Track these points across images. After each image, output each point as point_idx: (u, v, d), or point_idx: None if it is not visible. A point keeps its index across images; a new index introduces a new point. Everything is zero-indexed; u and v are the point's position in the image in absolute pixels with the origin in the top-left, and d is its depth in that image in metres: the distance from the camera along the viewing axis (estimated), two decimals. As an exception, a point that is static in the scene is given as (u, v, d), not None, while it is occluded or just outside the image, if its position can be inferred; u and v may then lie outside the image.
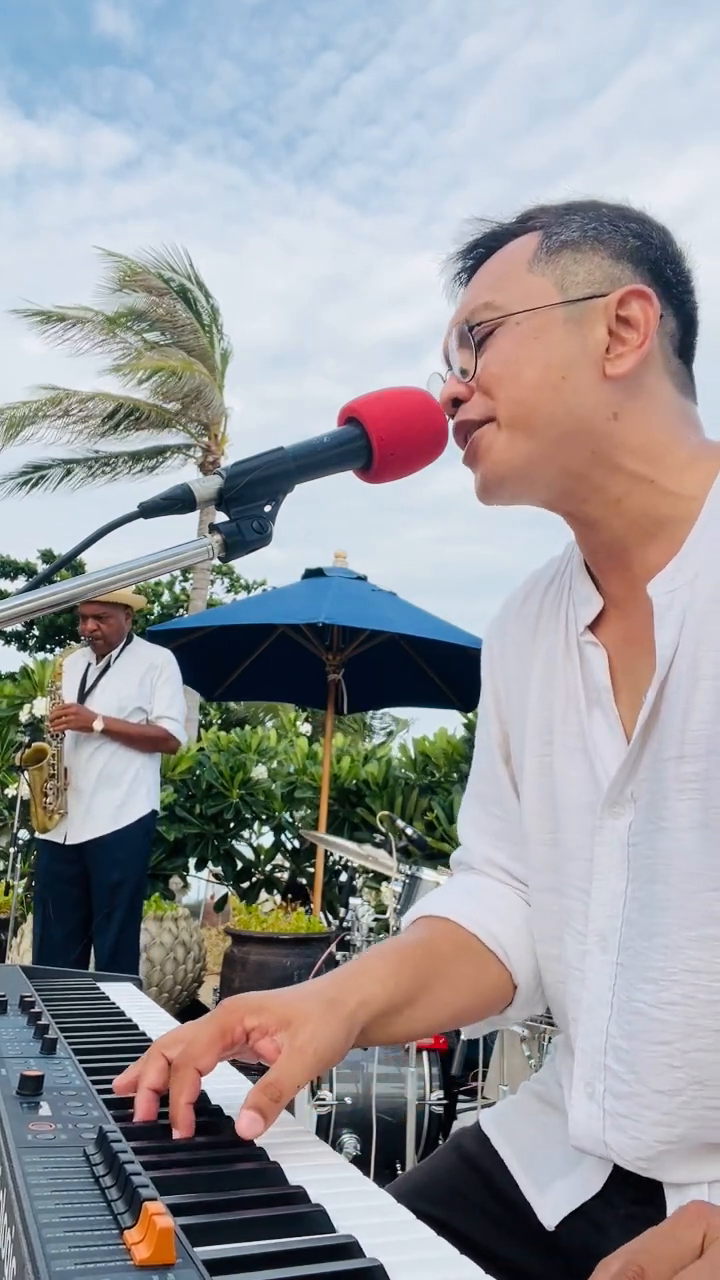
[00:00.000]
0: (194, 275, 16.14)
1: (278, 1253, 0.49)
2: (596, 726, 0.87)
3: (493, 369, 0.85)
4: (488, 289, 0.88)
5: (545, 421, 0.83)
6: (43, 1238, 0.48)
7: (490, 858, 1.02)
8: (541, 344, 0.83)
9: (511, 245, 0.89)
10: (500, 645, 1.03)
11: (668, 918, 0.78)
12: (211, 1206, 0.55)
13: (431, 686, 6.11)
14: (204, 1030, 0.74)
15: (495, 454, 0.85)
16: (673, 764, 0.78)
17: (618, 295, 0.82)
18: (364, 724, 21.47)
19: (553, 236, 0.86)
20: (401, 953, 0.90)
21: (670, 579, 0.80)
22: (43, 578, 0.78)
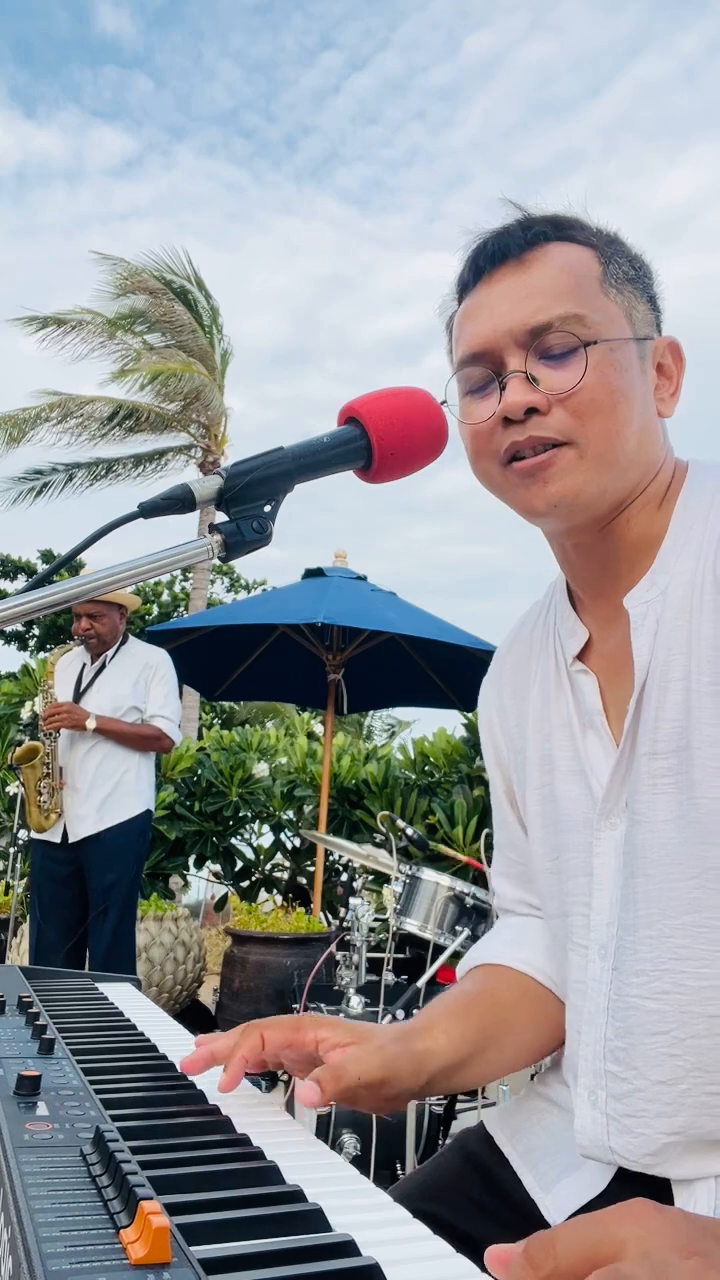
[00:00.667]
0: (194, 276, 16.14)
1: (274, 1252, 0.49)
2: (591, 747, 0.90)
3: (594, 393, 0.81)
4: (569, 297, 0.82)
5: (629, 458, 0.84)
6: (39, 1237, 0.48)
7: (522, 899, 1.07)
8: (630, 377, 0.83)
9: (574, 253, 0.84)
10: (496, 695, 1.07)
11: (652, 909, 0.80)
12: (208, 1206, 0.55)
13: (431, 686, 6.11)
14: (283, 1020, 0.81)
15: (572, 483, 0.82)
16: (646, 760, 0.82)
17: (664, 342, 0.87)
18: (361, 725, 21.47)
19: (612, 264, 0.85)
20: (466, 1006, 0.94)
21: (645, 592, 0.84)
22: (43, 578, 0.78)
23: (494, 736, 1.07)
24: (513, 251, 0.85)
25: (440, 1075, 0.87)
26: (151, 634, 5.50)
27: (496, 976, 1.00)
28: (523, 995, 0.98)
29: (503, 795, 1.06)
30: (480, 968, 1.02)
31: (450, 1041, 0.88)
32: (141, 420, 15.84)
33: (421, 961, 2.97)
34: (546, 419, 0.82)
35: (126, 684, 3.81)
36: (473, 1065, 0.91)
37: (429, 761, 6.77)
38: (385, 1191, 0.66)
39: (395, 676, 6.16)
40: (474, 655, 5.30)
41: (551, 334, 0.81)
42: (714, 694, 0.77)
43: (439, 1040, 0.88)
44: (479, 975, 1.01)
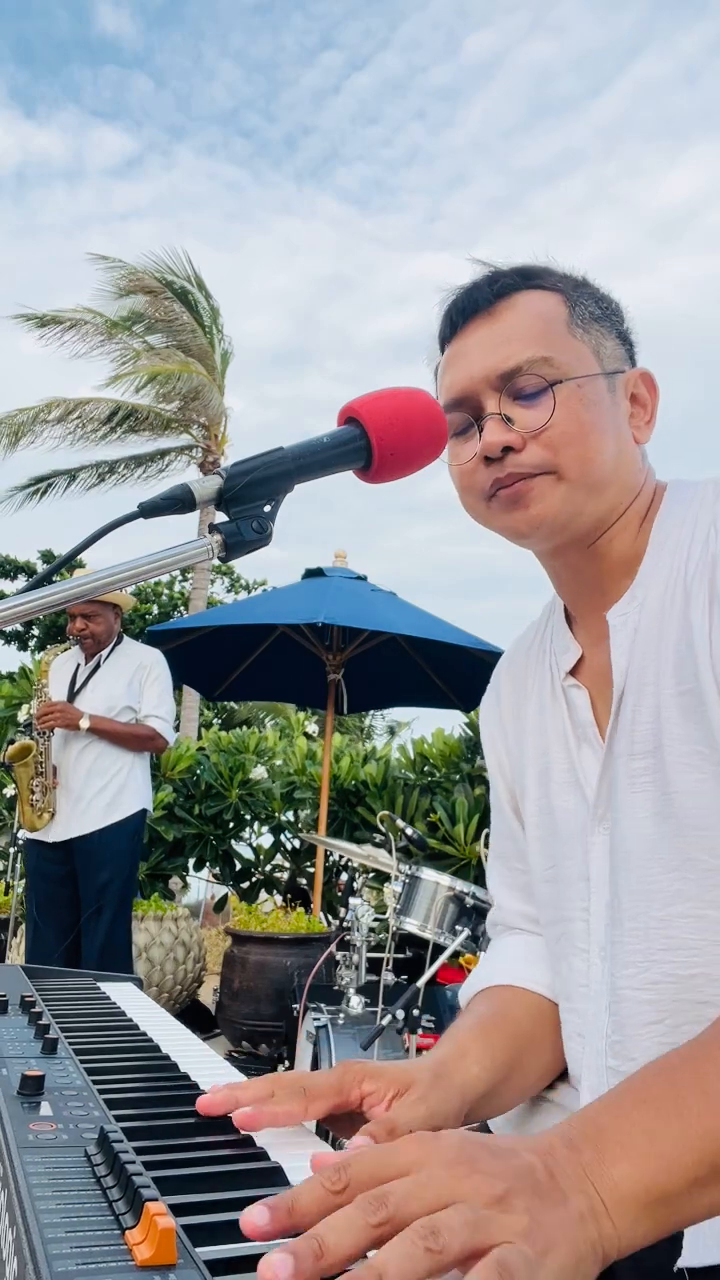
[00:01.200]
0: (194, 276, 16.13)
1: (279, 1253, 0.49)
2: (585, 758, 0.93)
3: (564, 427, 0.87)
4: (536, 341, 0.88)
5: (605, 481, 0.89)
6: (44, 1238, 0.48)
7: (523, 912, 1.08)
8: (600, 409, 0.88)
9: (540, 299, 0.91)
10: (495, 709, 1.10)
11: (637, 903, 0.83)
12: (213, 1207, 0.55)
13: (431, 686, 6.12)
14: (325, 1080, 0.76)
15: (552, 503, 0.88)
16: (625, 760, 0.86)
17: (635, 374, 0.93)
18: (363, 728, 21.46)
19: (578, 306, 0.91)
20: (488, 1032, 0.93)
21: (624, 605, 0.89)
22: (43, 578, 0.78)
23: (496, 750, 1.09)
24: (481, 305, 0.91)
25: (477, 1105, 0.87)
26: (152, 634, 5.50)
27: (510, 999, 0.99)
28: (539, 1015, 0.98)
29: (506, 805, 1.08)
30: (491, 990, 1.02)
31: (483, 1070, 0.88)
32: (141, 421, 15.84)
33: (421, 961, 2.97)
34: (522, 455, 0.88)
35: (121, 684, 3.81)
36: (502, 1092, 0.90)
37: (428, 761, 6.77)
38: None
39: (395, 676, 6.16)
40: (474, 655, 5.30)
41: (521, 377, 0.88)
42: (678, 694, 0.82)
43: (472, 1070, 0.87)
44: (492, 998, 1.00)
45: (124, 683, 3.81)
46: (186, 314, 15.80)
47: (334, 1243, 0.47)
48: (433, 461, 0.88)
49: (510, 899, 1.09)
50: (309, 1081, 0.76)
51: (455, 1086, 0.84)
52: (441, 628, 5.20)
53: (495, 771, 1.10)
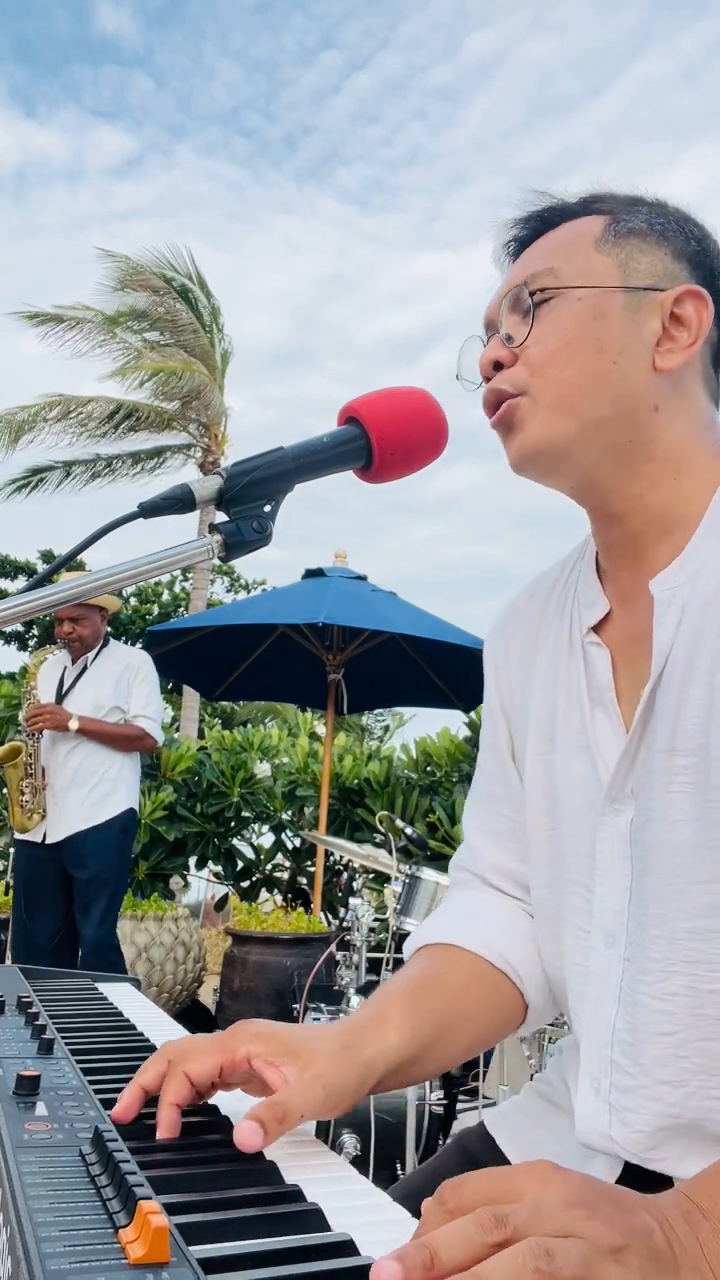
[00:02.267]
0: (196, 275, 16.14)
1: (272, 1251, 0.49)
2: (599, 725, 0.87)
3: (548, 344, 0.83)
4: (551, 255, 0.86)
5: (590, 404, 0.83)
6: (38, 1236, 0.48)
7: (496, 862, 1.02)
8: (600, 325, 0.83)
9: (577, 221, 0.88)
10: (504, 647, 1.03)
11: (663, 909, 0.78)
12: (206, 1205, 0.55)
13: (431, 686, 6.11)
14: (206, 1041, 0.74)
15: (532, 429, 0.84)
16: (663, 756, 0.79)
17: (676, 292, 0.83)
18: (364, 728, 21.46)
19: (620, 222, 0.86)
20: (416, 995, 0.88)
21: (673, 576, 0.81)
22: (43, 578, 0.78)
23: (499, 686, 1.03)
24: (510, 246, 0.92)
25: (389, 1075, 0.82)
26: (152, 634, 5.51)
27: (448, 959, 0.93)
28: (475, 980, 0.93)
29: (503, 747, 1.02)
30: (430, 948, 0.96)
31: (401, 1039, 0.83)
32: (141, 419, 15.84)
33: (421, 961, 2.96)
34: (507, 372, 0.85)
35: (108, 685, 3.81)
36: (423, 1061, 0.86)
37: (431, 761, 6.77)
38: (384, 1192, 0.66)
39: (395, 676, 6.16)
40: (474, 655, 5.30)
41: (522, 291, 0.86)
42: None
43: (389, 1039, 0.82)
44: (428, 958, 0.95)
45: (111, 683, 3.82)
46: (187, 312, 15.80)
47: (446, 1256, 0.47)
48: (433, 461, 0.88)
49: (487, 846, 1.03)
50: (192, 1045, 0.73)
51: (361, 1060, 0.78)
52: (441, 628, 5.20)
53: (495, 711, 1.03)
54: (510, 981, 0.95)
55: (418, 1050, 0.84)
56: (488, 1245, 0.47)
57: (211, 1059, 0.72)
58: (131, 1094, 0.70)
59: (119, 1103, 0.70)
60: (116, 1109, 0.69)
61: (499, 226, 0.94)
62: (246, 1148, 0.65)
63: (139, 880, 6.28)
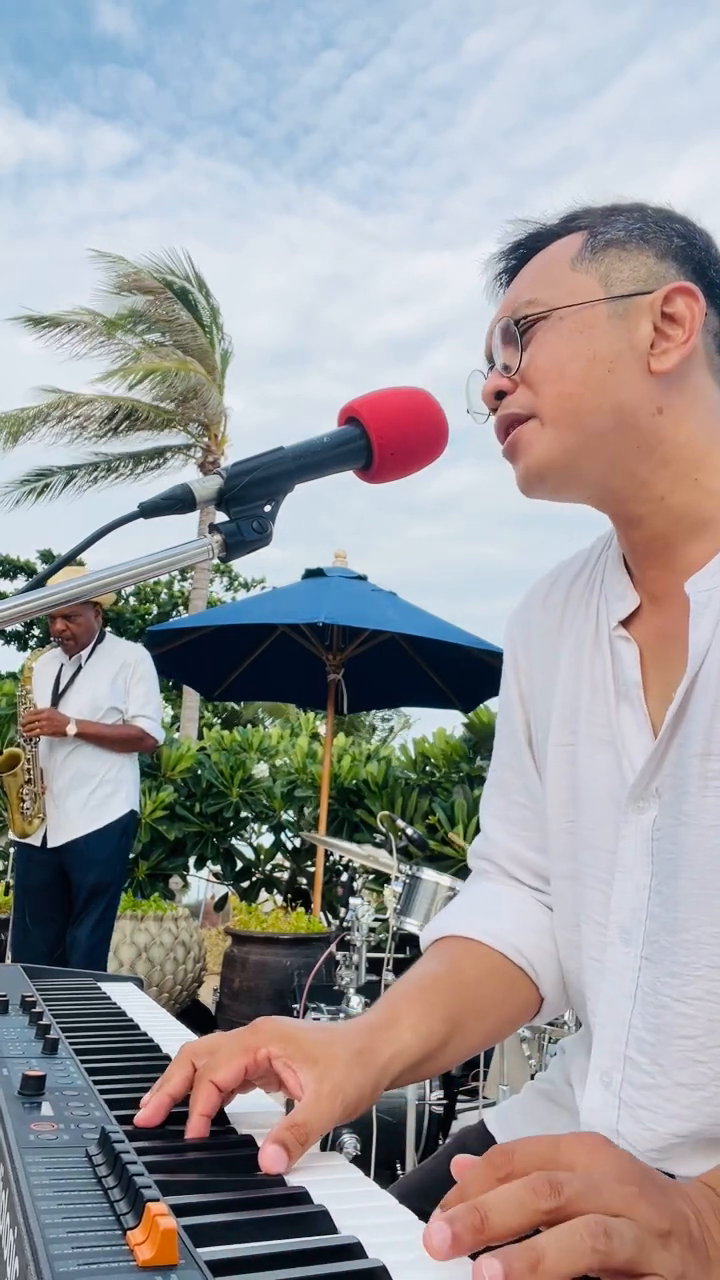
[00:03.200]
0: (194, 276, 16.14)
1: (280, 1254, 0.49)
2: (624, 720, 0.87)
3: (539, 363, 0.85)
4: (530, 286, 0.89)
5: (591, 415, 0.83)
6: (45, 1238, 0.47)
7: (511, 850, 1.02)
8: (586, 338, 0.84)
9: (555, 245, 0.90)
10: (524, 635, 1.03)
11: (690, 913, 0.78)
12: (214, 1207, 0.54)
13: (431, 686, 6.12)
14: (229, 1043, 0.73)
15: (537, 449, 0.86)
16: (698, 760, 0.79)
17: (663, 291, 0.83)
18: (364, 726, 21.46)
19: (598, 236, 0.87)
20: (431, 991, 0.88)
21: (710, 577, 0.81)
22: (43, 578, 0.78)
23: (519, 676, 1.03)
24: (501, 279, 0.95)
25: (404, 1073, 0.82)
26: (152, 634, 5.51)
27: (462, 952, 0.93)
28: (489, 974, 0.93)
29: (521, 735, 1.01)
30: (445, 941, 0.96)
31: (417, 1037, 0.83)
32: (141, 420, 15.84)
33: (422, 961, 2.97)
34: (511, 399, 0.88)
35: (105, 684, 3.75)
36: (437, 1057, 0.86)
37: (429, 761, 6.78)
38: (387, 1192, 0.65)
39: (395, 676, 6.16)
40: (474, 655, 5.31)
41: (517, 323, 0.88)
42: None
43: (404, 1038, 0.82)
44: (443, 951, 0.95)
45: (108, 682, 3.75)
46: (186, 313, 15.80)
47: (498, 1220, 0.47)
48: (433, 461, 0.88)
49: (502, 834, 1.03)
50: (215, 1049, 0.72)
51: (377, 1065, 0.78)
52: (441, 628, 5.20)
53: (514, 699, 1.03)
54: (525, 974, 0.95)
55: (433, 1048, 0.84)
56: (540, 1211, 0.47)
57: (238, 1063, 0.72)
58: (159, 1103, 0.69)
59: (148, 1110, 0.69)
60: (144, 1115, 0.69)
61: (486, 262, 0.97)
62: (273, 1172, 0.64)
63: (139, 880, 6.28)
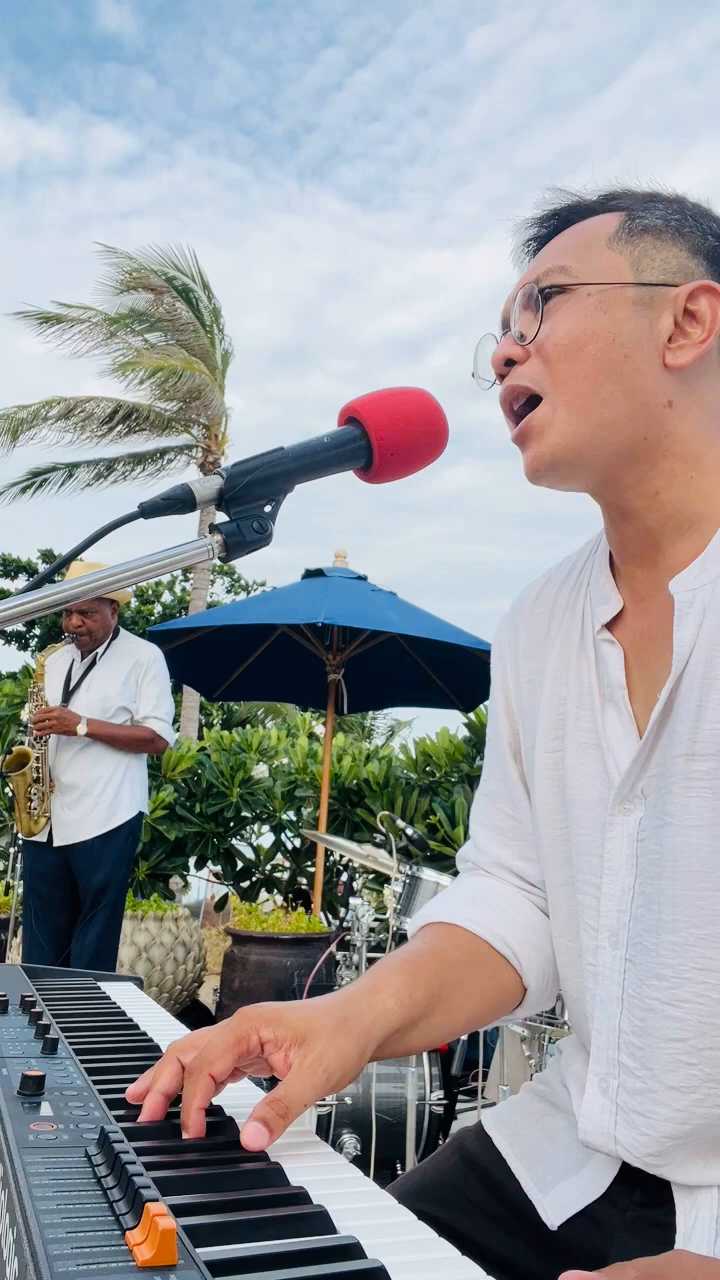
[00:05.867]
0: (197, 274, 16.15)
1: (280, 1254, 0.49)
2: (610, 723, 0.87)
3: (558, 337, 0.84)
4: (562, 254, 0.87)
5: (603, 401, 0.83)
6: (45, 1238, 0.47)
7: (498, 858, 1.03)
8: (610, 319, 0.83)
9: (592, 220, 0.89)
10: (512, 643, 1.03)
11: (676, 915, 0.78)
12: (213, 1207, 0.55)
13: (431, 686, 6.11)
14: (220, 1036, 0.74)
15: (550, 437, 0.84)
16: (682, 761, 0.78)
17: (690, 288, 0.83)
18: (364, 726, 21.47)
19: (636, 219, 0.86)
20: (414, 965, 0.89)
21: (694, 577, 0.81)
22: (43, 578, 0.78)
23: (505, 685, 1.03)
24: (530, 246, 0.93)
25: (388, 1041, 0.83)
26: (152, 634, 5.50)
27: (448, 936, 0.94)
28: (473, 958, 0.93)
29: (506, 746, 1.02)
30: (431, 926, 0.97)
31: (399, 1003, 0.84)
32: (142, 420, 15.85)
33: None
34: (522, 368, 0.86)
35: (116, 683, 3.73)
36: (419, 1029, 0.86)
37: (430, 761, 6.77)
38: (387, 1192, 0.66)
39: (395, 676, 6.16)
40: (474, 655, 5.30)
41: (534, 288, 0.86)
42: None
43: (387, 1004, 0.83)
44: (429, 934, 0.96)
45: (119, 681, 3.73)
46: (188, 312, 15.80)
47: None
48: (433, 461, 0.88)
49: (489, 841, 1.04)
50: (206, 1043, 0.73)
51: (360, 1030, 0.79)
52: (441, 628, 5.20)
53: (500, 709, 1.03)
54: (508, 964, 0.95)
55: (414, 1017, 0.85)
56: None
57: (230, 1055, 0.73)
58: (155, 1102, 0.70)
59: (146, 1110, 0.70)
60: (145, 1115, 0.70)
61: (518, 225, 0.95)
62: (255, 1148, 0.66)
63: (139, 880, 6.28)
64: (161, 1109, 0.71)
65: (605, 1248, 0.83)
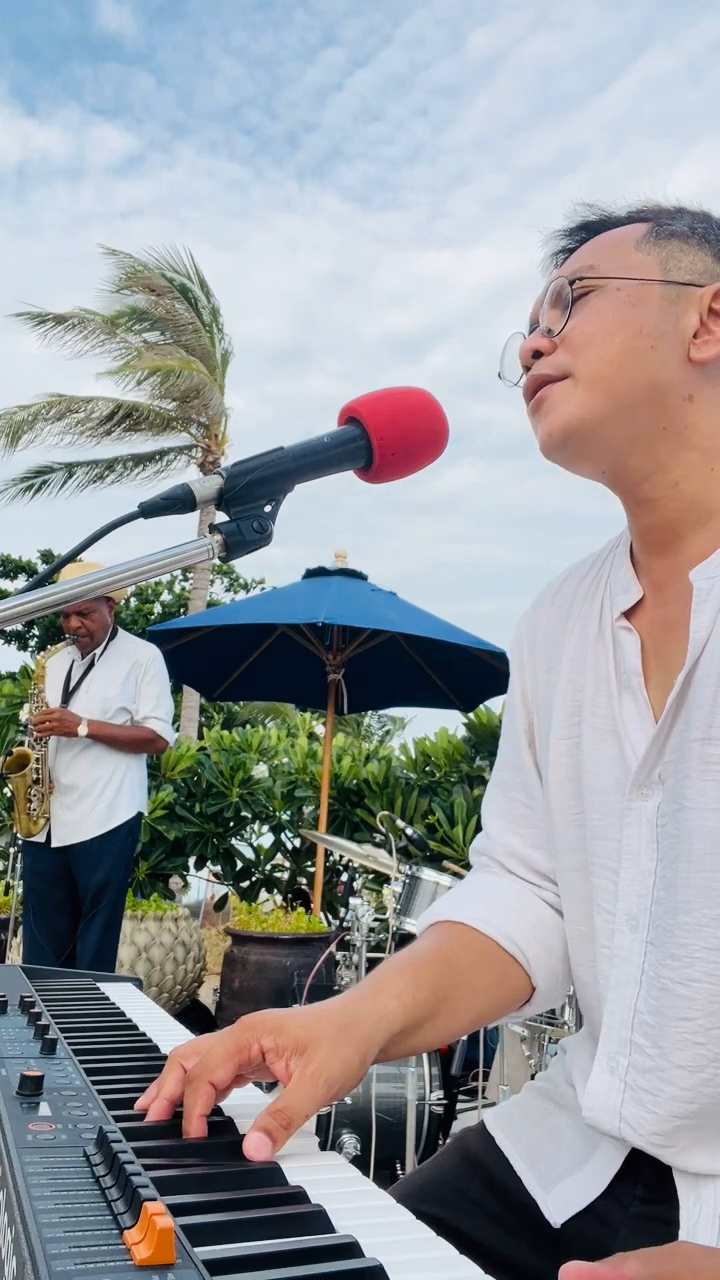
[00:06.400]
0: (196, 275, 16.16)
1: (277, 1253, 0.49)
2: (626, 710, 0.89)
3: (587, 327, 0.86)
4: (593, 254, 0.90)
5: (625, 384, 0.85)
6: (43, 1238, 0.48)
7: (511, 847, 1.03)
8: (637, 312, 0.86)
9: (620, 229, 0.92)
10: (530, 635, 1.04)
11: (690, 895, 0.79)
12: (211, 1207, 0.55)
13: (431, 686, 6.12)
14: (221, 1044, 0.74)
15: (566, 407, 0.86)
16: (698, 745, 0.80)
17: (715, 288, 0.86)
18: (360, 725, 21.48)
19: (663, 226, 0.90)
20: (418, 966, 0.89)
21: (713, 566, 0.83)
22: (43, 577, 0.78)
23: (523, 675, 1.04)
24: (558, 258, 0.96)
25: (391, 1044, 0.83)
26: (152, 634, 5.50)
27: (456, 935, 0.95)
28: (481, 958, 0.94)
29: (522, 734, 1.03)
30: (439, 925, 0.97)
31: (401, 1005, 0.84)
32: (141, 420, 15.86)
33: (422, 961, 2.96)
34: (546, 359, 0.88)
35: (115, 683, 3.74)
36: (423, 1030, 0.86)
37: (430, 761, 6.77)
38: (386, 1192, 0.66)
39: (395, 676, 6.16)
40: (474, 655, 5.31)
41: (563, 284, 0.89)
42: None
43: (389, 1006, 0.83)
44: (436, 933, 0.96)
45: (119, 682, 3.75)
46: (188, 312, 15.81)
47: None
48: (434, 461, 0.88)
49: (502, 831, 1.05)
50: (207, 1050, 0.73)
51: (362, 1036, 0.79)
52: (441, 628, 5.20)
53: (517, 698, 1.05)
54: (517, 964, 0.95)
55: (418, 1018, 0.85)
56: None
57: (231, 1063, 0.73)
58: (160, 1108, 0.71)
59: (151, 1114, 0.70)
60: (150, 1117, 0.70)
61: (547, 237, 0.98)
62: (257, 1159, 0.66)
63: (139, 880, 6.28)
64: (167, 1113, 0.71)
65: (609, 1245, 0.83)
